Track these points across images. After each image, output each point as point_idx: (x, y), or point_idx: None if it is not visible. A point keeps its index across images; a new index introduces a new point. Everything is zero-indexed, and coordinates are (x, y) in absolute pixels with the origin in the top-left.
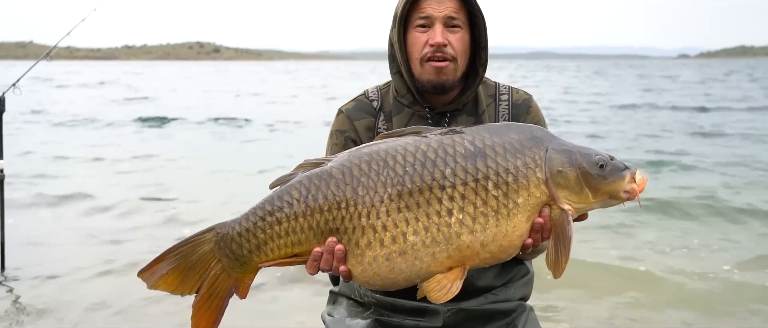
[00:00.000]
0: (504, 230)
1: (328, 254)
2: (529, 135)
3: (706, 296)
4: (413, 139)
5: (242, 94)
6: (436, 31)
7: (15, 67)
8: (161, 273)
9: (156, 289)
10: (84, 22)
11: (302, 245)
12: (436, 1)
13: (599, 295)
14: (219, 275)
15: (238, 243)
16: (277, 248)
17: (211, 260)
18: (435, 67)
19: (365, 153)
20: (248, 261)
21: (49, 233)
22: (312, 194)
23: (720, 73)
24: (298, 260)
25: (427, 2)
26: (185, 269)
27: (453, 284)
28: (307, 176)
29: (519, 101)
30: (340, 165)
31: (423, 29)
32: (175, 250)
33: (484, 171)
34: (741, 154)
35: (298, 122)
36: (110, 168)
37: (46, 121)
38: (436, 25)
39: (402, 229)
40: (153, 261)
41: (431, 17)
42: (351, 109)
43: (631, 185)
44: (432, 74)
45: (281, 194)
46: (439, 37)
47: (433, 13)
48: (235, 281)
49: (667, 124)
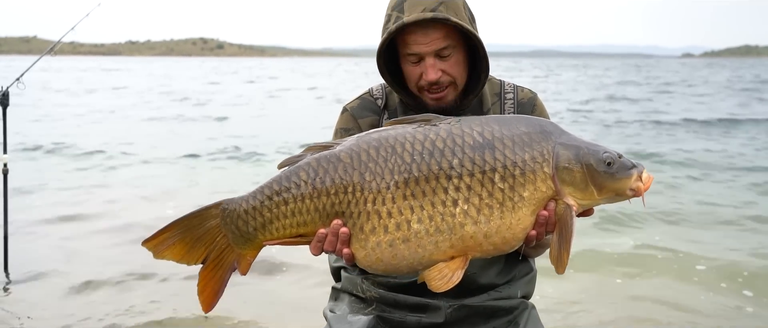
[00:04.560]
0: (508, 222)
1: (332, 236)
2: (539, 129)
3: (706, 296)
4: (422, 128)
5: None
6: (428, 71)
7: (16, 62)
8: (168, 244)
9: (162, 258)
10: (88, 17)
11: (307, 226)
12: (421, 34)
13: (601, 295)
14: (223, 249)
15: (244, 220)
16: (283, 227)
17: (217, 234)
18: (433, 98)
19: (374, 138)
20: (253, 238)
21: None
22: (319, 177)
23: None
24: (302, 240)
25: (411, 37)
26: (192, 241)
27: (454, 274)
28: (316, 159)
29: (524, 100)
30: (348, 149)
31: (415, 62)
32: (182, 222)
33: (492, 163)
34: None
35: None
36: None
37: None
38: (427, 59)
39: (406, 216)
40: (159, 231)
41: (419, 53)
42: (355, 107)
43: (638, 183)
44: (432, 102)
45: (289, 174)
46: (431, 75)
47: (420, 50)
48: (237, 256)
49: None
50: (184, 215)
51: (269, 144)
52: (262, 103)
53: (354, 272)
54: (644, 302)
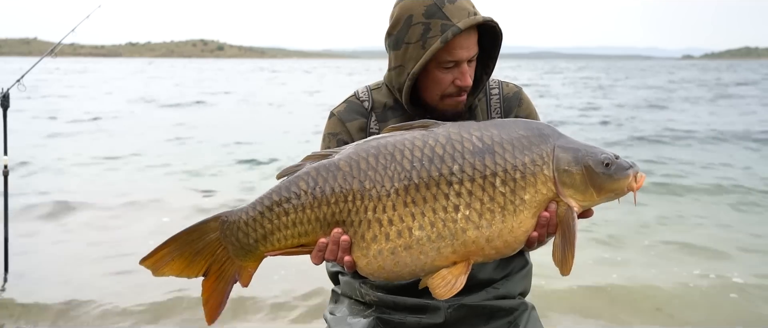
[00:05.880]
0: (510, 225)
1: (333, 244)
2: (537, 132)
3: (706, 295)
4: (421, 134)
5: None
6: (465, 76)
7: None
8: (167, 260)
9: (161, 275)
10: (88, 18)
11: (308, 236)
12: (466, 38)
13: (600, 296)
14: (224, 262)
15: (245, 232)
16: (284, 238)
17: (217, 247)
18: (457, 101)
19: (373, 146)
20: (254, 250)
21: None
22: (319, 186)
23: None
24: (303, 250)
25: (456, 43)
26: (191, 256)
27: (457, 280)
28: (315, 168)
29: (509, 94)
30: (347, 157)
31: (449, 68)
32: (181, 237)
33: (492, 167)
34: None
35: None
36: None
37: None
38: (464, 66)
39: (408, 223)
40: (157, 249)
41: (460, 59)
42: (342, 111)
43: (633, 182)
44: (452, 106)
45: (289, 184)
46: (469, 81)
47: (462, 56)
48: (238, 268)
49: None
50: (182, 230)
51: (266, 151)
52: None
53: (351, 275)
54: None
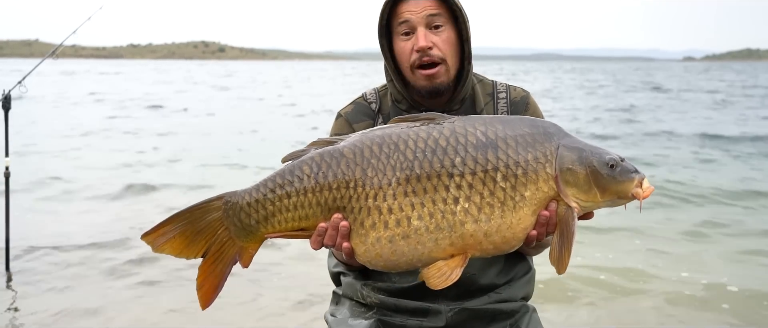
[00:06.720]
0: (508, 221)
1: (332, 229)
2: (542, 130)
3: (706, 296)
4: (426, 126)
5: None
6: (418, 36)
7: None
8: (168, 237)
9: (161, 252)
10: (90, 20)
11: (309, 220)
12: (414, 2)
13: (600, 296)
14: (225, 242)
15: (247, 213)
16: (285, 220)
17: (219, 227)
18: (425, 75)
19: (378, 135)
20: (255, 231)
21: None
22: (322, 171)
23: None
24: (303, 233)
25: (404, 5)
26: (192, 234)
27: (453, 272)
28: (319, 153)
29: (517, 98)
30: (351, 145)
31: (406, 37)
32: (183, 215)
33: (494, 162)
34: None
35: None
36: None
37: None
38: (418, 29)
39: (407, 213)
40: (159, 224)
41: (411, 21)
42: (350, 112)
43: (638, 189)
44: (424, 81)
45: (292, 168)
46: (422, 41)
47: (411, 16)
48: (239, 249)
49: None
50: (185, 208)
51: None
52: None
53: (353, 276)
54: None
